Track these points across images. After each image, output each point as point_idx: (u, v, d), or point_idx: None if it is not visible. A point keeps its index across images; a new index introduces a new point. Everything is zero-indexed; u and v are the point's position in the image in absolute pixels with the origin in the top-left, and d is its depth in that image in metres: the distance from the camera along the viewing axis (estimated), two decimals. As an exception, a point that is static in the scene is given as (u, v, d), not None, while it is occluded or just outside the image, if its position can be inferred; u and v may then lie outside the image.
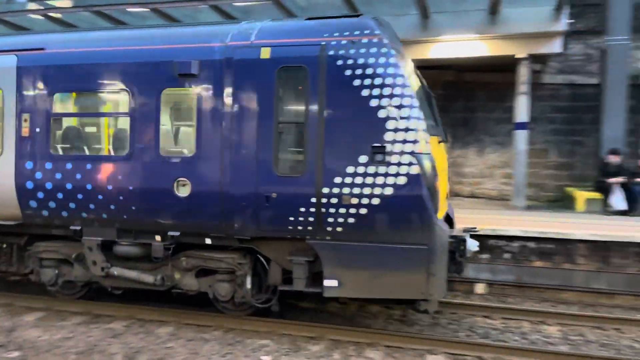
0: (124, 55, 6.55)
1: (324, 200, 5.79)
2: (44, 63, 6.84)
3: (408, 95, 5.69)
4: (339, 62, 5.82)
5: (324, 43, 5.91)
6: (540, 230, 9.44)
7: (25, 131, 6.84)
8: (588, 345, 6.25)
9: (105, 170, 6.50)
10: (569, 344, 6.28)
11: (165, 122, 6.81)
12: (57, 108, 6.88)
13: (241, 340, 6.18)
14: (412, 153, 5.60)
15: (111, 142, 7.03)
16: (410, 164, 5.59)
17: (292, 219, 5.92)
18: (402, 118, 5.65)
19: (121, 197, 6.41)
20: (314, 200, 5.81)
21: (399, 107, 5.65)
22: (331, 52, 5.86)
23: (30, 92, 6.83)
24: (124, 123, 6.71)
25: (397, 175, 5.62)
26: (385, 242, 5.78)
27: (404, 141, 5.62)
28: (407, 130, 5.63)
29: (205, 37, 6.46)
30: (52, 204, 6.71)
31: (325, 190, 5.77)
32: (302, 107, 5.97)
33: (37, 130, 6.79)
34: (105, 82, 6.58)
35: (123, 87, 6.49)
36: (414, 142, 5.62)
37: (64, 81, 6.76)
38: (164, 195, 6.26)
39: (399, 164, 5.61)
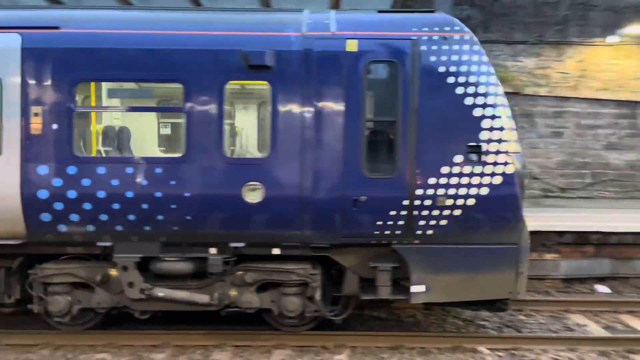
0: (174, 40, 5.57)
1: (416, 202, 5.49)
2: (62, 45, 5.52)
3: (500, 94, 5.63)
4: (433, 58, 5.58)
5: (415, 38, 5.61)
6: None
7: (35, 128, 5.46)
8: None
9: (153, 175, 5.46)
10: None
11: (231, 119, 5.94)
12: (82, 100, 5.82)
13: (73, 357, 5.63)
14: (507, 152, 5.53)
15: (160, 142, 6.02)
16: (505, 164, 5.52)
17: (380, 223, 5.54)
18: (496, 117, 5.55)
19: (173, 206, 5.47)
20: (406, 202, 5.49)
21: (494, 105, 5.55)
22: (423, 48, 5.59)
23: (43, 81, 5.47)
24: (178, 120, 5.79)
25: (492, 174, 5.50)
26: (477, 243, 5.66)
27: (500, 140, 5.53)
28: (501, 129, 5.55)
29: (278, 25, 5.74)
30: (74, 217, 5.48)
31: (419, 192, 5.49)
32: (392, 104, 5.59)
33: (54, 127, 5.46)
34: (151, 71, 5.55)
35: (175, 77, 5.54)
36: (508, 141, 5.56)
37: (93, 69, 5.54)
38: (230, 202, 5.48)
39: (495, 164, 5.51)
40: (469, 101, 5.57)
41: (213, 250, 5.68)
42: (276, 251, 5.74)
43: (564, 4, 14.32)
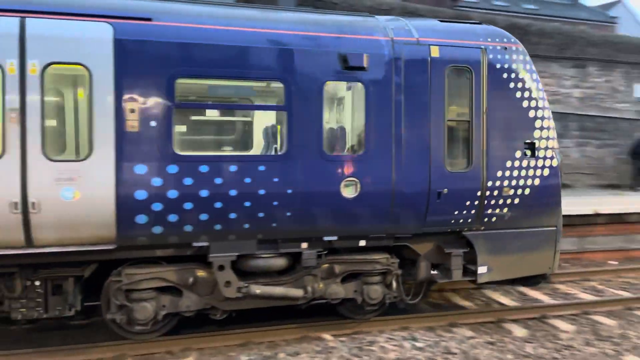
0: (276, 39, 5.62)
1: (487, 193, 6.29)
2: (159, 38, 5.26)
3: (544, 98, 6.65)
4: (498, 66, 6.39)
5: (484, 47, 6.35)
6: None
7: (131, 125, 5.15)
8: None
9: (256, 173, 5.49)
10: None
11: (328, 117, 6.14)
12: (181, 97, 5.55)
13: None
14: (552, 148, 6.61)
15: (263, 140, 6.13)
16: (552, 158, 6.61)
17: (457, 212, 6.24)
18: (545, 118, 6.61)
19: (275, 203, 5.58)
20: (479, 193, 6.27)
21: (542, 108, 6.59)
22: (490, 56, 6.36)
23: (139, 75, 5.18)
24: (279, 118, 5.94)
25: (542, 167, 6.52)
26: (527, 227, 6.60)
27: (547, 138, 6.59)
28: (548, 128, 6.61)
29: (367, 29, 6.11)
30: (172, 218, 5.31)
31: (489, 183, 6.30)
32: (466, 106, 6.27)
33: (152, 124, 5.21)
34: (252, 69, 5.53)
35: (277, 76, 5.62)
36: (552, 138, 6.65)
37: (191, 64, 5.35)
38: (329, 197, 5.75)
39: (544, 158, 6.56)
40: (525, 104, 6.55)
41: (304, 245, 5.90)
42: (362, 243, 6.18)
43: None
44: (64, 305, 5.52)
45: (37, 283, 5.40)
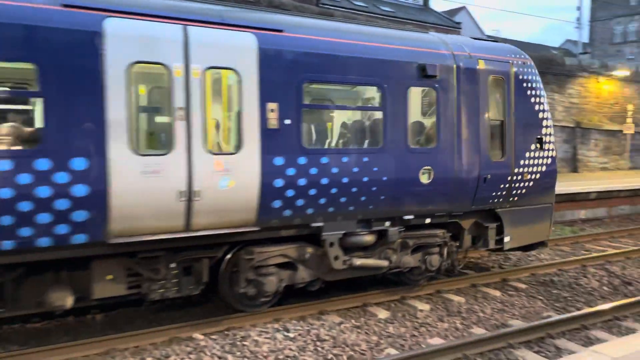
0: (376, 51, 6.78)
1: (514, 177, 7.94)
2: (290, 48, 6.22)
3: (546, 102, 8.47)
4: (520, 77, 8.04)
5: (510, 61, 7.99)
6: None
7: (272, 123, 6.06)
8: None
9: (361, 163, 6.65)
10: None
11: (411, 117, 7.14)
12: (307, 99, 6.59)
13: None
14: (552, 142, 8.47)
15: (366, 136, 7.09)
16: (552, 150, 8.47)
17: (494, 194, 7.83)
18: (548, 118, 8.42)
19: (374, 188, 6.74)
20: (509, 178, 7.87)
21: (545, 110, 8.40)
22: (514, 69, 7.99)
23: (277, 79, 6.08)
24: (377, 117, 6.98)
25: (546, 157, 8.32)
26: (535, 204, 8.35)
27: (549, 134, 8.43)
28: (549, 126, 8.41)
29: (434, 43, 7.46)
30: (300, 202, 6.32)
31: (516, 170, 7.94)
32: (501, 109, 7.89)
33: (287, 122, 6.15)
34: (358, 76, 6.66)
35: (376, 82, 6.76)
36: (552, 134, 8.50)
37: (314, 70, 6.37)
38: (411, 183, 7.02)
39: (548, 150, 8.37)
40: (536, 107, 8.28)
41: (387, 223, 7.12)
42: (427, 221, 7.49)
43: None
44: (196, 285, 6.26)
45: (173, 265, 6.03)
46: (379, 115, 7.00)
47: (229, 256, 6.43)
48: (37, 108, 5.47)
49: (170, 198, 5.58)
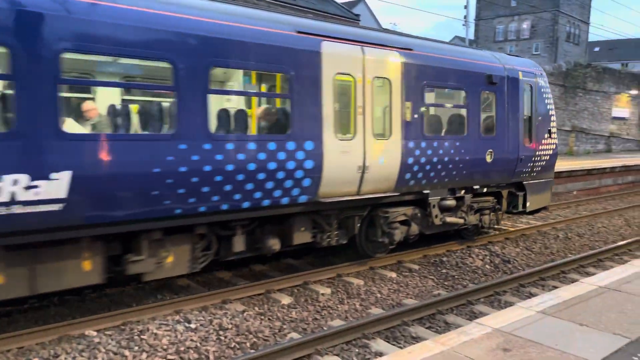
0: (464, 65, 9.58)
1: (536, 158, 10.87)
2: (418, 61, 8.65)
3: (553, 102, 11.50)
4: (540, 83, 11.08)
5: (534, 72, 11.03)
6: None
7: (408, 117, 8.45)
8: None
9: (455, 146, 9.25)
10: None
11: (481, 113, 9.91)
12: (427, 99, 8.93)
13: None
14: (555, 132, 11.52)
15: (456, 126, 9.75)
16: (555, 138, 11.52)
17: (524, 170, 10.72)
18: (554, 115, 11.53)
19: (461, 165, 9.36)
20: (533, 158, 10.79)
21: (553, 108, 11.45)
22: (537, 79, 11.02)
23: (410, 84, 8.44)
24: (462, 113, 9.69)
25: (553, 144, 11.35)
26: (544, 178, 11.35)
27: (555, 127, 11.48)
28: (554, 121, 11.50)
29: (492, 58, 10.39)
30: (419, 175, 8.74)
31: (537, 152, 10.89)
32: (529, 108, 10.81)
33: (415, 116, 8.57)
34: (453, 82, 9.42)
35: (463, 87, 9.52)
36: (554, 127, 11.49)
37: (430, 78, 8.84)
38: (481, 162, 9.79)
39: (552, 138, 11.36)
40: (548, 107, 11.33)
41: (463, 191, 9.81)
42: (484, 190, 10.26)
43: None
44: (346, 236, 8.65)
45: (338, 220, 8.37)
46: (464, 111, 9.65)
47: (364, 215, 8.71)
48: (287, 106, 7.23)
49: (353, 170, 7.82)
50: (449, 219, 9.69)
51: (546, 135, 11.25)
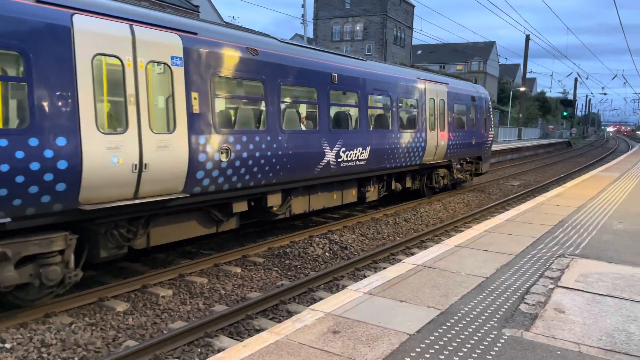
0: (468, 91, 18.00)
1: (487, 142, 19.50)
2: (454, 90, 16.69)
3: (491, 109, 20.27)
4: (488, 100, 19.66)
5: (487, 94, 19.70)
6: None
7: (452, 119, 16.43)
8: None
9: (462, 136, 17.00)
10: None
11: (472, 116, 18.14)
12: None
13: None
14: (493, 128, 20.34)
15: (467, 124, 17.64)
16: (492, 131, 20.16)
17: (483, 149, 19.21)
18: (492, 118, 20.06)
19: (461, 146, 17.07)
20: (487, 142, 19.44)
21: (492, 114, 20.28)
22: (487, 97, 19.55)
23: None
24: (472, 116, 18.05)
25: (491, 134, 19.99)
26: (487, 154, 20.00)
27: (492, 125, 20.19)
28: (492, 121, 20.14)
29: (474, 89, 18.52)
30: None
31: (488, 138, 19.62)
32: (485, 113, 19.20)
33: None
34: (466, 102, 17.62)
35: (468, 103, 17.70)
36: (493, 125, 20.60)
37: (455, 101, 16.59)
38: (470, 144, 17.81)
39: (492, 131, 20.02)
40: (490, 112, 19.67)
41: (462, 161, 17.86)
42: (468, 159, 18.59)
43: None
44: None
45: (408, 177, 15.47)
46: (472, 115, 17.77)
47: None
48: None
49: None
50: (458, 174, 17.35)
51: (490, 130, 19.46)
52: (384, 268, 9.18)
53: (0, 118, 5.60)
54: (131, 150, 6.70)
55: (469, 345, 4.16)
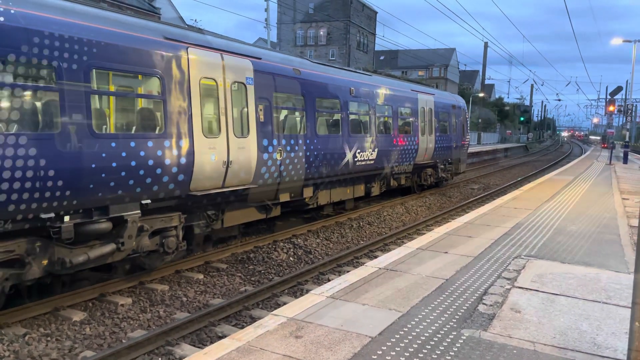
0: (452, 102, 21.18)
1: (464, 145, 22.49)
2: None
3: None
4: (465, 109, 22.50)
5: (464, 104, 22.55)
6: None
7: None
8: None
9: (443, 140, 19.63)
10: None
11: (452, 123, 20.82)
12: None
13: None
14: (469, 133, 23.90)
15: (449, 129, 20.39)
16: (469, 137, 24.06)
17: (460, 151, 22.22)
18: (468, 125, 23.43)
19: (444, 149, 19.89)
20: (464, 145, 22.50)
21: (468, 122, 23.69)
22: (464, 107, 22.51)
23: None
24: (453, 122, 20.85)
25: (467, 140, 23.24)
26: (464, 156, 23.10)
27: (468, 130, 23.60)
28: (468, 127, 23.28)
29: (454, 98, 21.92)
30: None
31: (464, 143, 22.47)
32: (463, 121, 22.14)
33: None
34: (449, 110, 20.64)
35: (450, 112, 20.42)
36: (468, 131, 23.67)
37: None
38: (450, 147, 20.60)
39: (468, 137, 23.30)
40: (467, 119, 23.38)
41: (444, 162, 20.95)
42: (449, 160, 21.36)
43: None
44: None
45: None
46: (453, 122, 20.37)
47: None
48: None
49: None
50: (442, 174, 19.51)
51: (467, 135, 22.33)
52: (348, 272, 9.22)
53: (149, 126, 7.61)
54: (222, 150, 8.64)
55: (429, 347, 4.23)
